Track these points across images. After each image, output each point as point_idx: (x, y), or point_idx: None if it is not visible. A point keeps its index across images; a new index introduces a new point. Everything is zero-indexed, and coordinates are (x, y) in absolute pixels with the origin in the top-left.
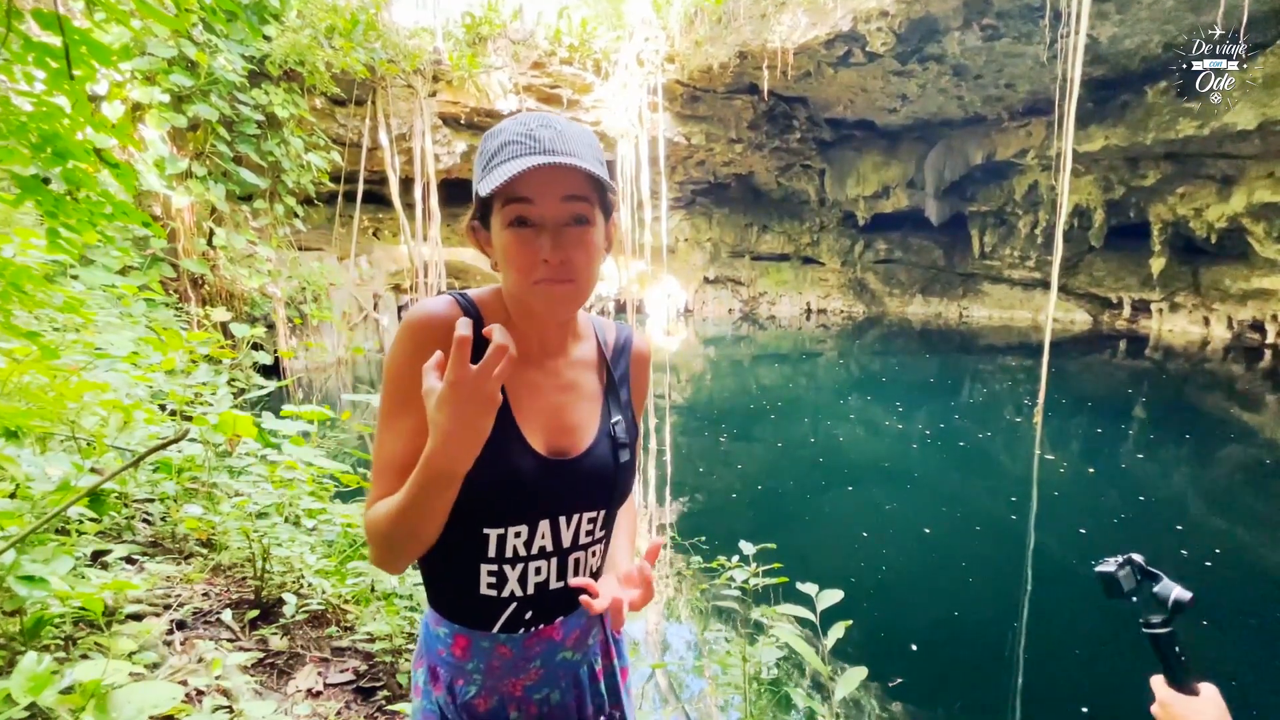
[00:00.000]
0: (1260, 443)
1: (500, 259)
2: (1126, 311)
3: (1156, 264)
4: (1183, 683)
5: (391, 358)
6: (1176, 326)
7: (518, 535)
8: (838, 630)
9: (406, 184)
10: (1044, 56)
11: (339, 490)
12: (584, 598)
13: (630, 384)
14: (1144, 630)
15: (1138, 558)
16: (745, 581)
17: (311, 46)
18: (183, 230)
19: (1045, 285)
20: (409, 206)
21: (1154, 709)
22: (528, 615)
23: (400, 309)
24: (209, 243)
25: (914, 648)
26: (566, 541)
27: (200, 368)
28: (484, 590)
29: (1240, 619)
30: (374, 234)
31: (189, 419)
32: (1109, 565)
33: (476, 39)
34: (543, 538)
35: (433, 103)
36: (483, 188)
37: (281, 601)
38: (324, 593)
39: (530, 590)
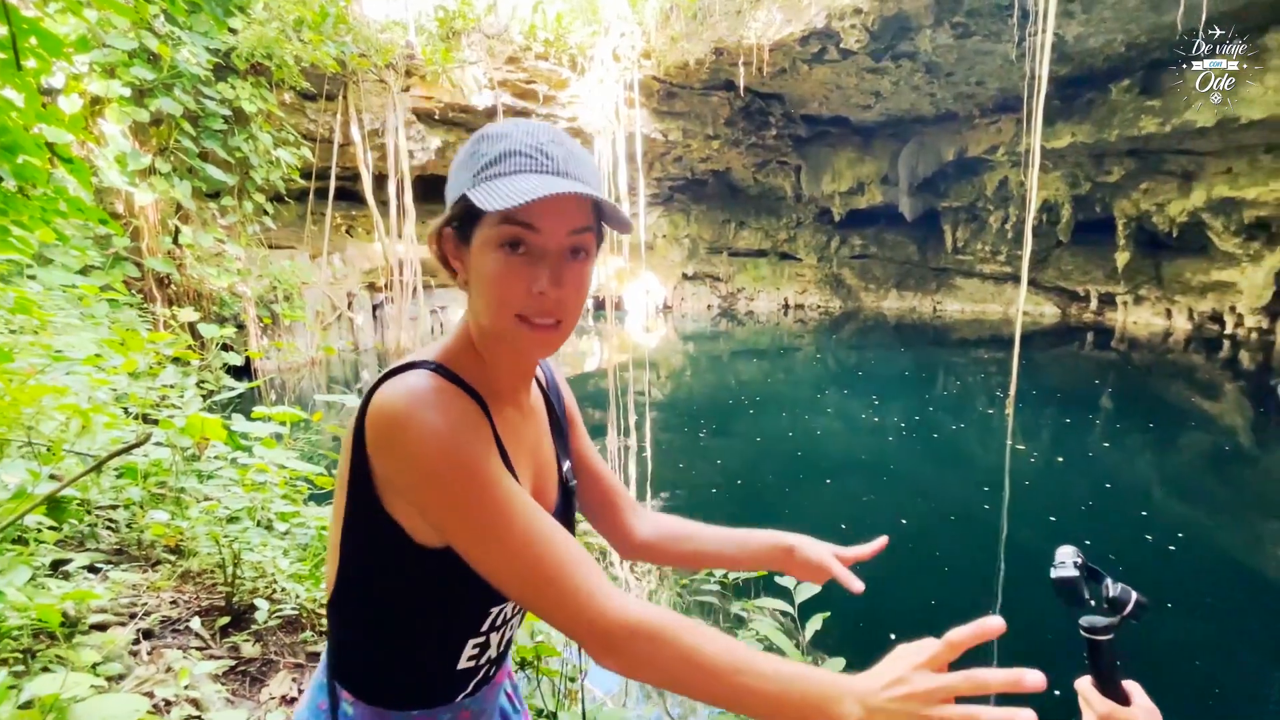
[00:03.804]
0: (1220, 430)
1: (479, 280)
2: (1093, 304)
3: (1121, 258)
4: (1115, 687)
5: (448, 447)
6: (1140, 319)
7: (514, 605)
8: (815, 622)
9: (380, 180)
10: (1013, 55)
11: (313, 492)
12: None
13: (570, 421)
14: (1086, 635)
15: (1079, 554)
16: (724, 576)
17: (279, 40)
18: (147, 228)
19: (1016, 279)
20: (383, 203)
21: None
22: (492, 671)
23: (375, 308)
24: (175, 241)
25: (893, 636)
26: None
27: (166, 369)
28: (462, 664)
29: (1203, 601)
30: (347, 231)
31: (155, 422)
32: (1067, 568)
33: (450, 33)
34: None
35: (406, 98)
36: (484, 201)
37: (254, 607)
38: (298, 598)
39: (503, 647)
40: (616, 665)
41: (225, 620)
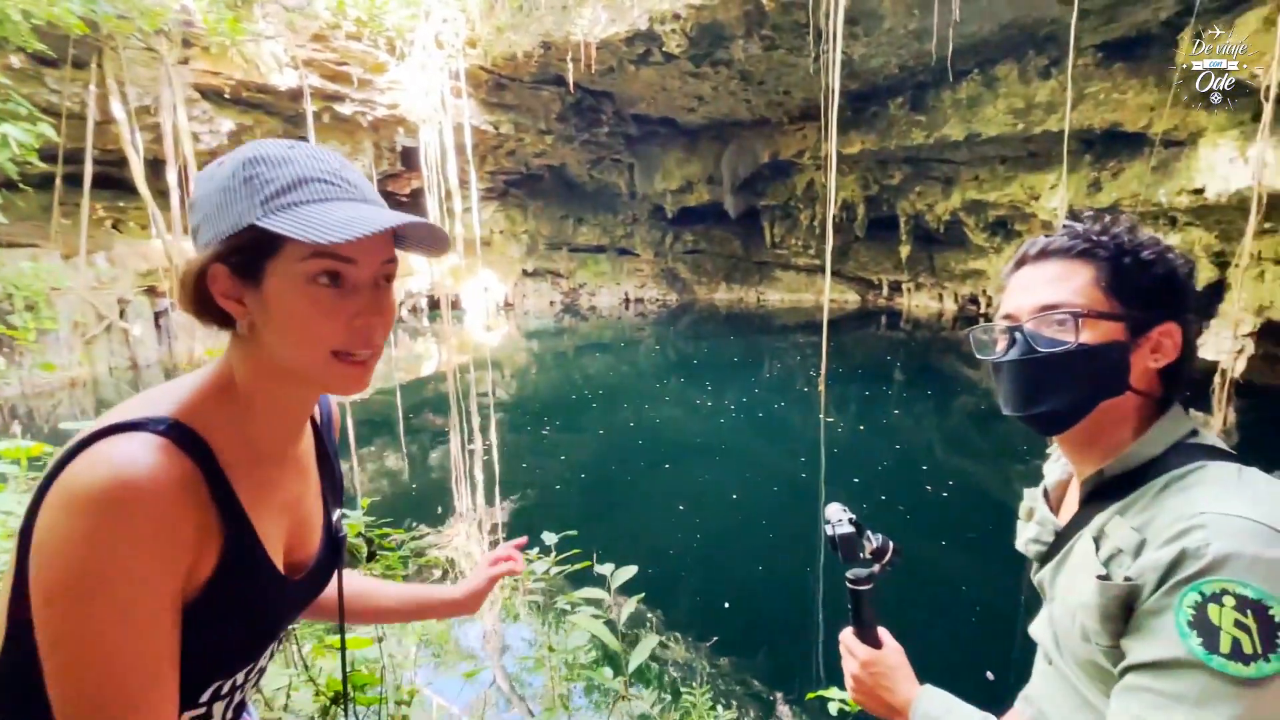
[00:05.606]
0: (980, 393)
1: (284, 319)
2: (885, 291)
3: (904, 250)
4: (872, 633)
5: (100, 567)
6: (920, 302)
7: (245, 672)
8: (630, 605)
9: (157, 166)
10: (811, 68)
11: None
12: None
13: (337, 460)
14: (852, 587)
15: (847, 509)
16: (546, 572)
17: None
18: None
19: (824, 270)
20: (161, 194)
21: (855, 670)
22: None
23: (158, 315)
24: None
25: (726, 605)
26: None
27: None
28: None
29: (967, 535)
30: (114, 226)
31: None
32: (844, 525)
33: (239, 1)
34: (262, 660)
35: (185, 71)
36: (312, 232)
37: None
38: None
39: (230, 715)
40: None
41: None
